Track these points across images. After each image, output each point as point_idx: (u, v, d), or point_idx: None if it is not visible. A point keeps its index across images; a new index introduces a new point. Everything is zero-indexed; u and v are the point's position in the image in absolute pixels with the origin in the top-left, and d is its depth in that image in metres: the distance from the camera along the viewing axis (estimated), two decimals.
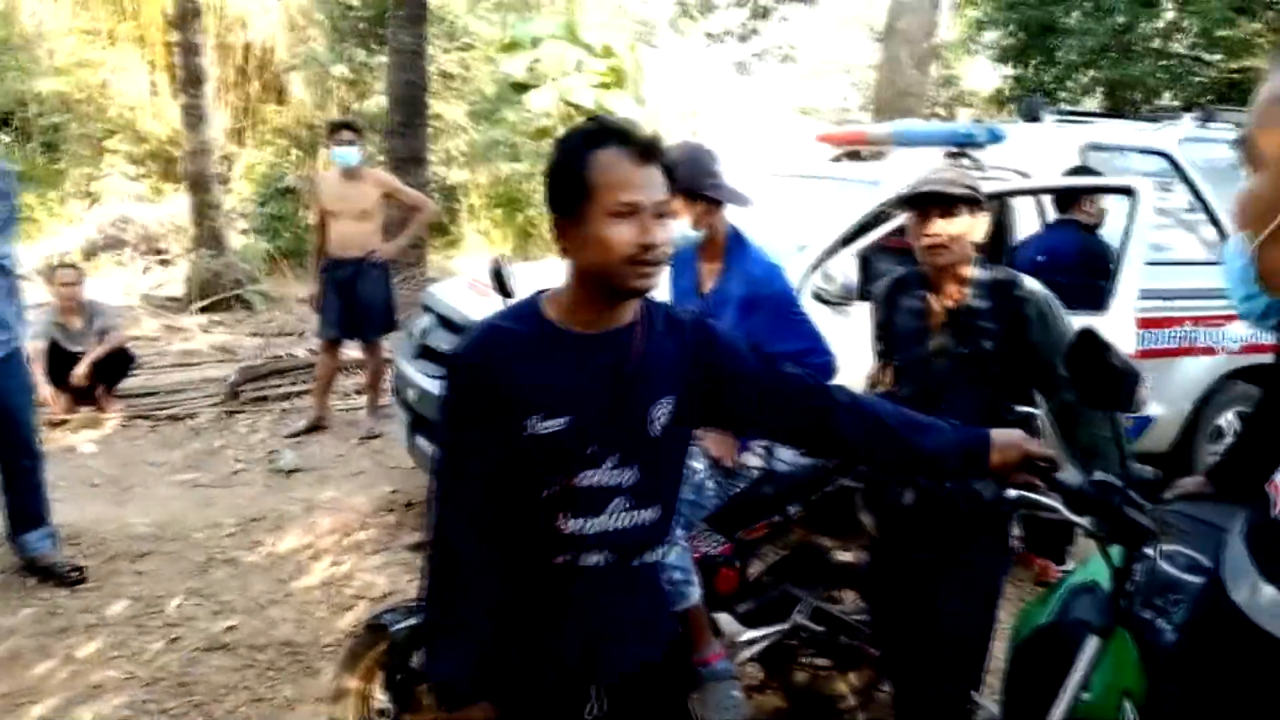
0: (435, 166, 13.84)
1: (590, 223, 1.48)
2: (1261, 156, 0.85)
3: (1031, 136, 5.33)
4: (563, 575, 1.60)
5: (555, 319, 1.57)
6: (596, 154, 1.49)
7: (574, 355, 1.56)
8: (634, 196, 1.47)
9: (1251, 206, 0.86)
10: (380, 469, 5.46)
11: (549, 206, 1.56)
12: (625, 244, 1.47)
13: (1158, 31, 12.12)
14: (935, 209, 2.33)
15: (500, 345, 1.55)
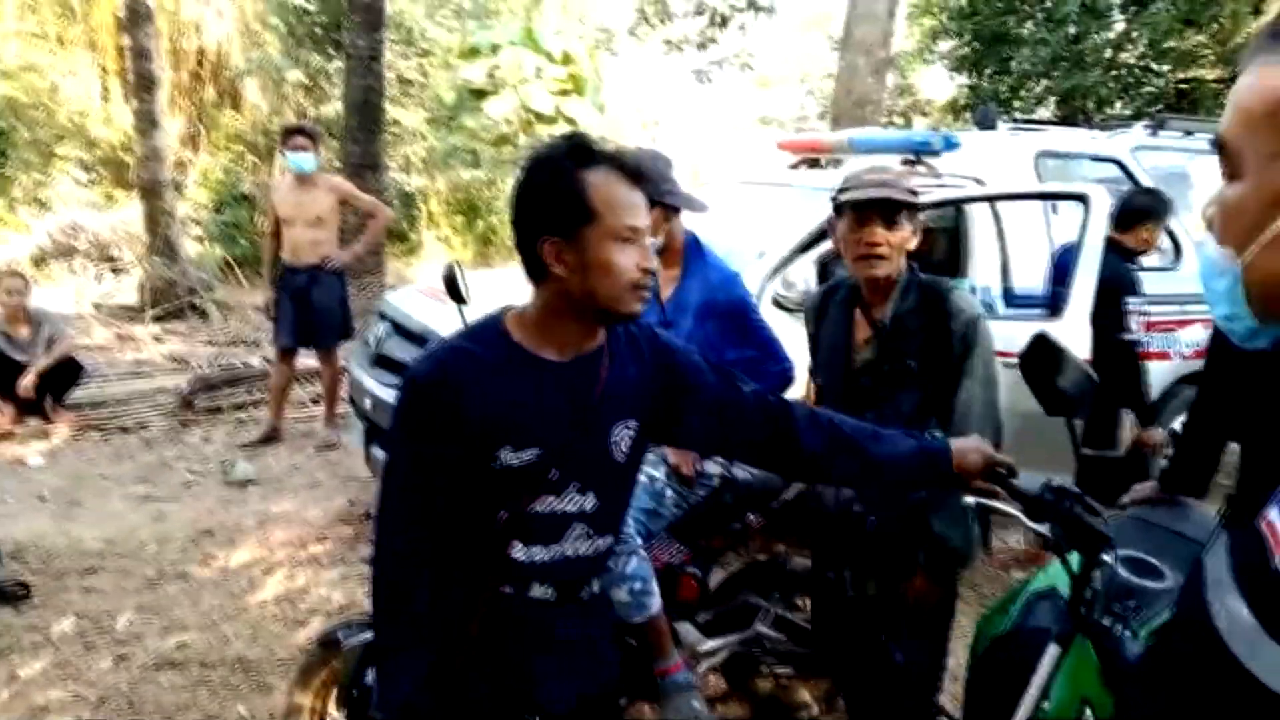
0: (394, 173, 13.75)
1: (592, 247, 1.44)
2: (1241, 163, 0.81)
3: (986, 144, 5.38)
4: (508, 605, 1.56)
5: (523, 342, 1.52)
6: (590, 175, 1.45)
7: (544, 383, 1.51)
8: (636, 222, 1.46)
9: (1233, 219, 0.81)
10: (336, 480, 5.38)
11: (534, 226, 1.47)
12: (629, 269, 1.45)
13: (1109, 42, 12.34)
14: (876, 215, 2.16)
15: (464, 370, 1.48)
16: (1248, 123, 0.80)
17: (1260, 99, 0.79)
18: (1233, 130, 0.82)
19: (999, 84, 12.86)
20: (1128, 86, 12.36)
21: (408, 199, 14.61)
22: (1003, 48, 12.54)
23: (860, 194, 2.16)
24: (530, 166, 1.50)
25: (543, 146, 1.54)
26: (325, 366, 6.06)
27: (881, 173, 2.23)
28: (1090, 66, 11.88)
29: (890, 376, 2.21)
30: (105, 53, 13.31)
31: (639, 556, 2.47)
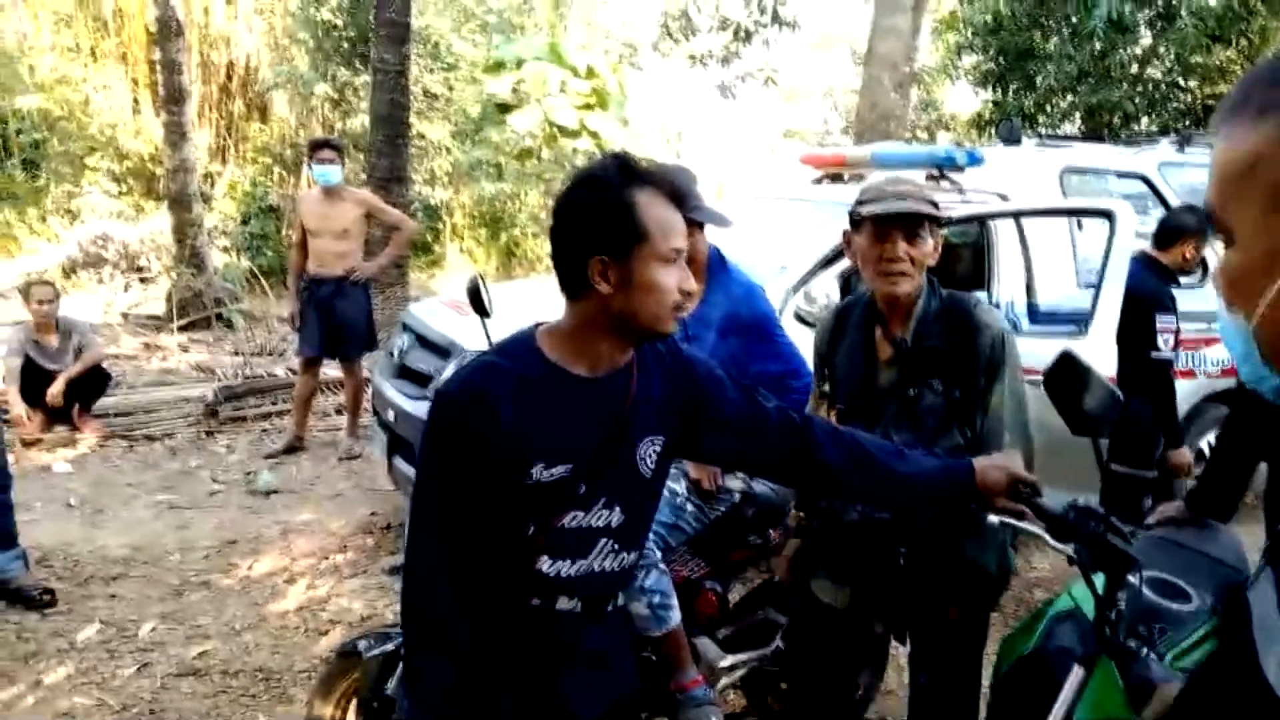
0: (418, 186, 13.85)
1: (641, 267, 1.45)
2: (1231, 230, 0.81)
3: (1011, 160, 5.36)
4: (535, 618, 1.56)
5: (555, 358, 1.52)
6: (639, 195, 1.46)
7: (577, 399, 1.52)
8: (680, 243, 1.48)
9: (1235, 284, 0.82)
10: (359, 491, 5.41)
11: (583, 244, 1.46)
12: (672, 290, 1.47)
13: (1135, 58, 12.27)
14: (897, 229, 2.04)
15: (496, 386, 1.48)
16: (1228, 191, 0.80)
17: (1235, 166, 0.79)
18: (1217, 199, 0.82)
19: (1024, 99, 12.79)
20: (1154, 102, 12.28)
21: (432, 212, 14.70)
22: (1028, 63, 12.48)
23: (881, 207, 2.04)
24: (577, 183, 1.52)
25: (590, 165, 1.56)
26: (349, 377, 6.10)
27: (902, 184, 2.11)
28: (1116, 82, 11.81)
29: (915, 397, 2.11)
30: (137, 66, 13.53)
31: (659, 570, 2.46)
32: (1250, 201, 0.79)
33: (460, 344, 4.10)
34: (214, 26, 13.93)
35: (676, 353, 1.68)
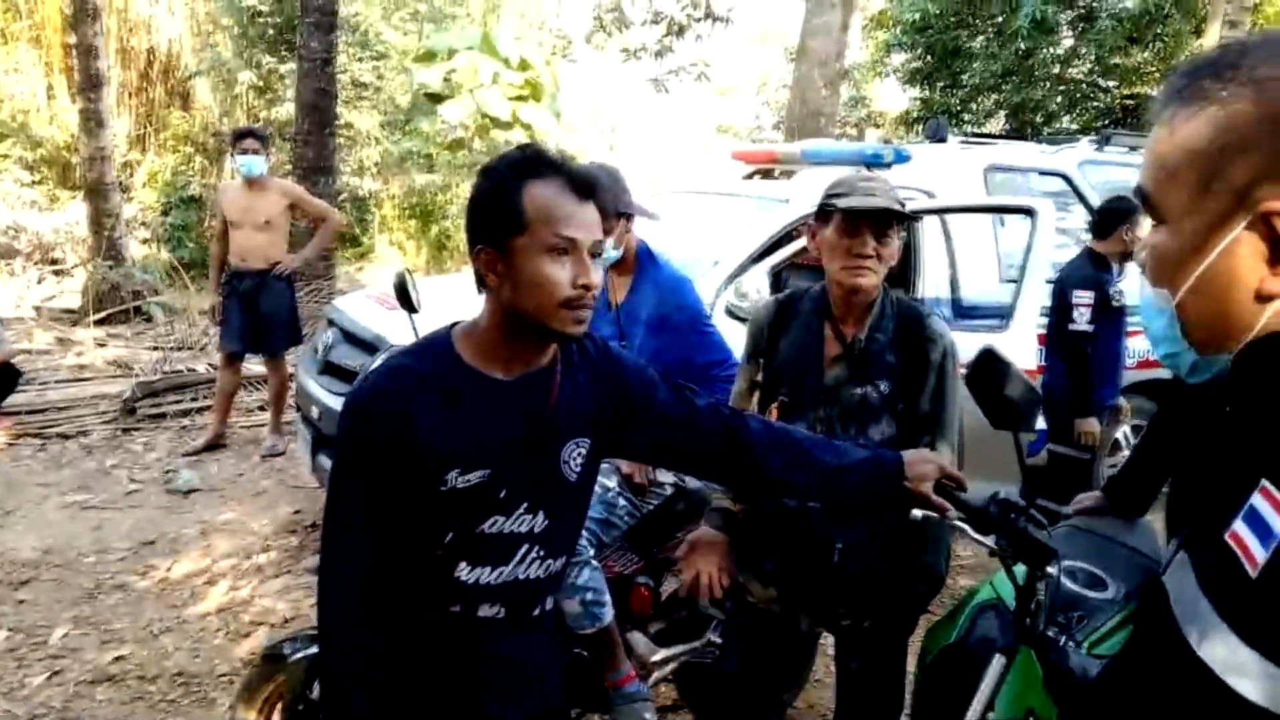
0: (346, 177, 13.62)
1: (523, 258, 1.40)
2: (1162, 211, 0.85)
3: (937, 157, 5.45)
4: (456, 627, 1.53)
5: (471, 360, 1.48)
6: (532, 185, 1.41)
7: (493, 403, 1.48)
8: (573, 233, 1.40)
9: (1162, 263, 0.86)
10: (282, 489, 5.28)
11: (472, 235, 1.45)
12: (560, 284, 1.40)
13: (1057, 58, 12.60)
14: (867, 225, 2.05)
15: (411, 390, 1.44)
16: (1163, 174, 0.84)
17: (1173, 151, 0.83)
18: (1151, 181, 0.86)
19: (950, 97, 13.06)
20: (1075, 101, 12.64)
21: (360, 203, 14.47)
22: (954, 61, 12.74)
23: (858, 201, 2.05)
24: (480, 174, 1.48)
25: (498, 155, 1.52)
26: (272, 373, 5.97)
27: (873, 181, 2.13)
28: (1039, 81, 12.12)
29: (860, 396, 2.13)
30: (51, 50, 13.03)
31: (591, 567, 2.45)
32: (1182, 184, 0.82)
33: (388, 339, 4.03)
34: (134, 10, 13.48)
35: (606, 353, 1.65)
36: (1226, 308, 0.82)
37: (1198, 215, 0.81)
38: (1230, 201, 0.79)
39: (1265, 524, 0.74)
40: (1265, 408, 0.80)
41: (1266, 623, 0.72)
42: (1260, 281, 0.78)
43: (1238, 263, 0.79)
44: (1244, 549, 0.75)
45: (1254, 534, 0.75)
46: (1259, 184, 0.77)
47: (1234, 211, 0.79)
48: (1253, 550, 0.75)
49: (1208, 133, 0.80)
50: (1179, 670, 0.81)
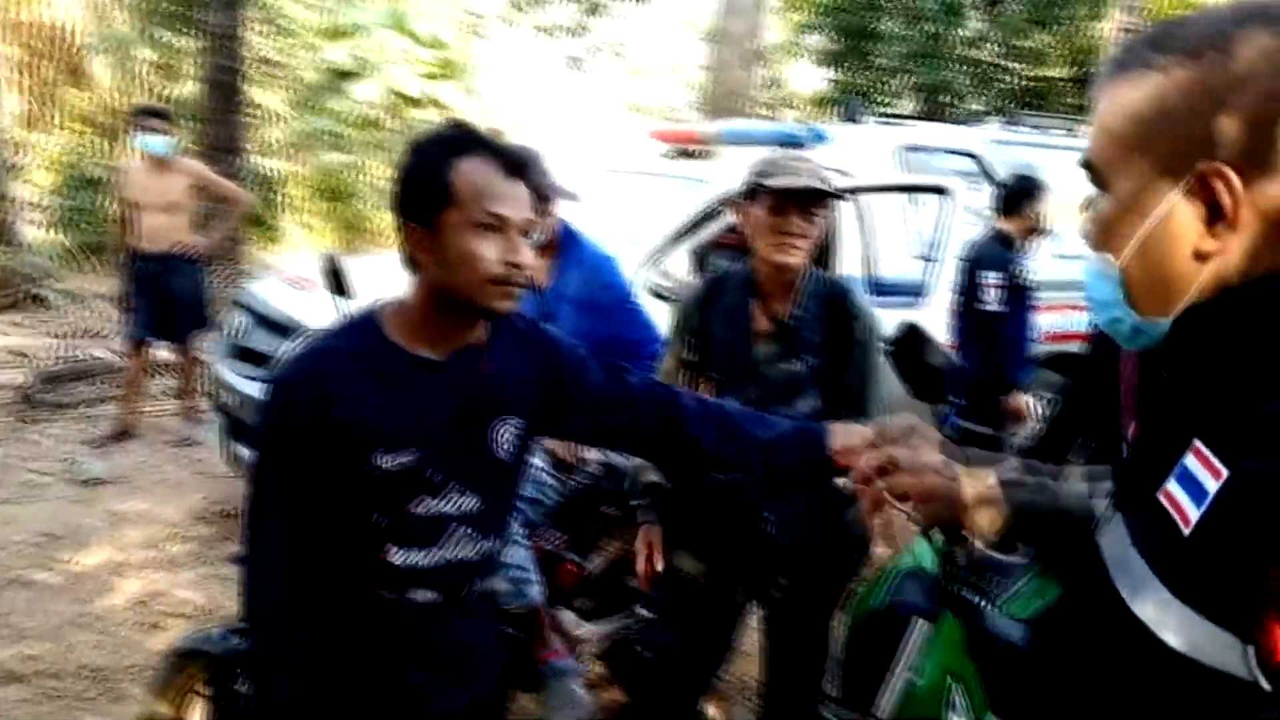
0: (253, 156, 13.19)
1: (450, 235, 1.38)
2: (1108, 178, 0.88)
3: (852, 138, 5.54)
4: (387, 611, 1.51)
5: (398, 339, 1.46)
6: (461, 161, 1.39)
7: (422, 382, 1.46)
8: (503, 210, 1.39)
9: (1108, 229, 0.89)
10: (195, 477, 5.13)
11: (400, 212, 1.43)
12: (489, 261, 1.38)
13: (965, 40, 12.90)
14: (795, 203, 2.09)
15: (335, 370, 1.41)
16: (1109, 141, 0.87)
17: (1114, 119, 0.86)
18: (1098, 150, 0.89)
19: (863, 78, 13.27)
20: (983, 82, 12.97)
21: (268, 183, 14.04)
22: (866, 43, 12.95)
23: (785, 181, 2.10)
24: (408, 150, 1.46)
25: (426, 131, 1.49)
26: (182, 359, 5.80)
27: (801, 161, 2.19)
28: (948, 63, 12.40)
29: (788, 371, 2.18)
30: None
31: (520, 545, 2.44)
32: (1124, 150, 0.85)
33: (303, 323, 3.94)
34: None
35: (538, 332, 1.64)
36: (1169, 269, 0.84)
37: (1138, 179, 0.84)
38: (1169, 165, 0.82)
39: (1197, 482, 0.77)
40: (1197, 370, 0.84)
41: (1197, 578, 0.75)
42: (1197, 241, 0.81)
43: (1177, 225, 0.82)
44: (1177, 507, 0.78)
45: (1186, 493, 0.78)
46: (1195, 148, 0.80)
47: (1173, 175, 0.81)
48: (1185, 509, 0.77)
49: (1148, 100, 0.83)
50: (1114, 626, 0.84)
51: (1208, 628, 0.74)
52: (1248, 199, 0.78)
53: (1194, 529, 0.76)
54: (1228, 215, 0.79)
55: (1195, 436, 0.79)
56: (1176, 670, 0.76)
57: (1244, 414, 0.77)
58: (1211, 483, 0.75)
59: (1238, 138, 0.78)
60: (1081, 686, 0.90)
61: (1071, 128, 6.48)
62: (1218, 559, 0.74)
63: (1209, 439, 0.78)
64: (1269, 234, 0.80)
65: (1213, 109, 0.79)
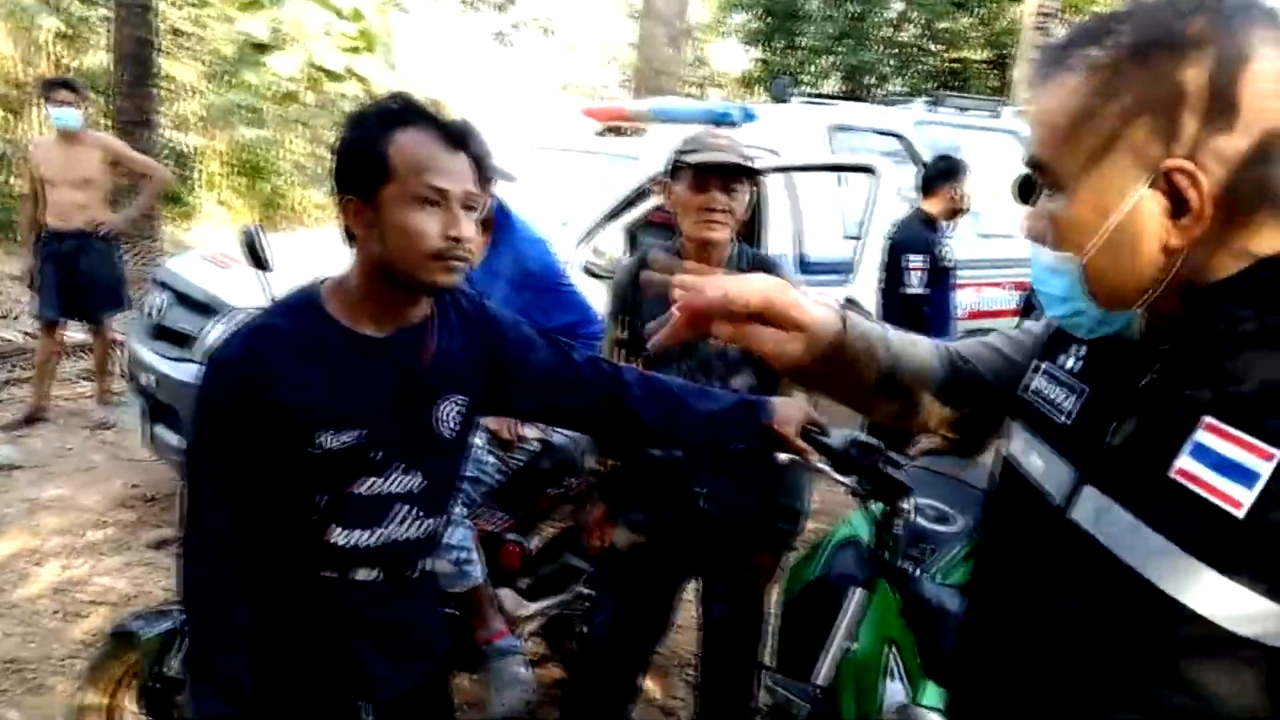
0: (167, 130, 12.76)
1: (390, 208, 1.37)
2: (1058, 178, 0.89)
3: (780, 117, 5.59)
4: (331, 591, 1.49)
5: (340, 317, 1.44)
6: (400, 133, 1.37)
7: (364, 360, 1.44)
8: (443, 183, 1.37)
9: (1066, 229, 0.89)
10: (115, 462, 4.98)
11: (339, 185, 1.41)
12: (429, 235, 1.36)
13: (888, 22, 13.09)
14: (717, 179, 2.14)
15: (276, 348, 1.39)
16: (1055, 140, 0.88)
17: (1063, 116, 0.87)
18: (1043, 150, 0.89)
19: (788, 58, 13.38)
20: (905, 64, 13.19)
21: (183, 159, 13.59)
22: (791, 23, 13.05)
23: (705, 156, 2.13)
24: (347, 123, 1.43)
25: (368, 104, 1.46)
26: (97, 340, 5.60)
27: (721, 137, 2.21)
28: (872, 44, 12.57)
29: (721, 348, 2.20)
30: None
31: (462, 525, 2.44)
32: (1081, 151, 0.86)
33: (226, 301, 3.85)
34: None
35: (482, 310, 1.63)
36: (1133, 264, 0.86)
37: (1099, 180, 0.85)
38: (1130, 164, 0.83)
39: (1236, 464, 0.78)
40: (1201, 350, 0.85)
41: (1260, 560, 0.76)
42: (1165, 236, 0.83)
43: (1143, 221, 0.84)
44: (1213, 490, 0.79)
45: (1223, 475, 0.79)
46: (1156, 143, 0.81)
47: (1135, 173, 0.83)
48: (1229, 492, 0.78)
49: (1101, 98, 0.83)
50: (1130, 605, 0.85)
51: (1267, 604, 0.76)
52: (1211, 191, 0.80)
53: (1250, 511, 0.77)
54: (1194, 210, 0.81)
55: (1207, 414, 0.81)
56: (1224, 648, 0.78)
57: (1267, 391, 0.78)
58: (1261, 464, 0.77)
59: (1195, 132, 0.79)
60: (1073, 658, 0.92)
61: (994, 109, 6.63)
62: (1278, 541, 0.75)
63: (1236, 419, 0.79)
64: (1230, 224, 0.82)
65: (1170, 106, 0.80)
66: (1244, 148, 0.79)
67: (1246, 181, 0.80)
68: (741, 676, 2.44)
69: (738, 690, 2.43)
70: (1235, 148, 0.79)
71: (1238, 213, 0.82)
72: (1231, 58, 0.79)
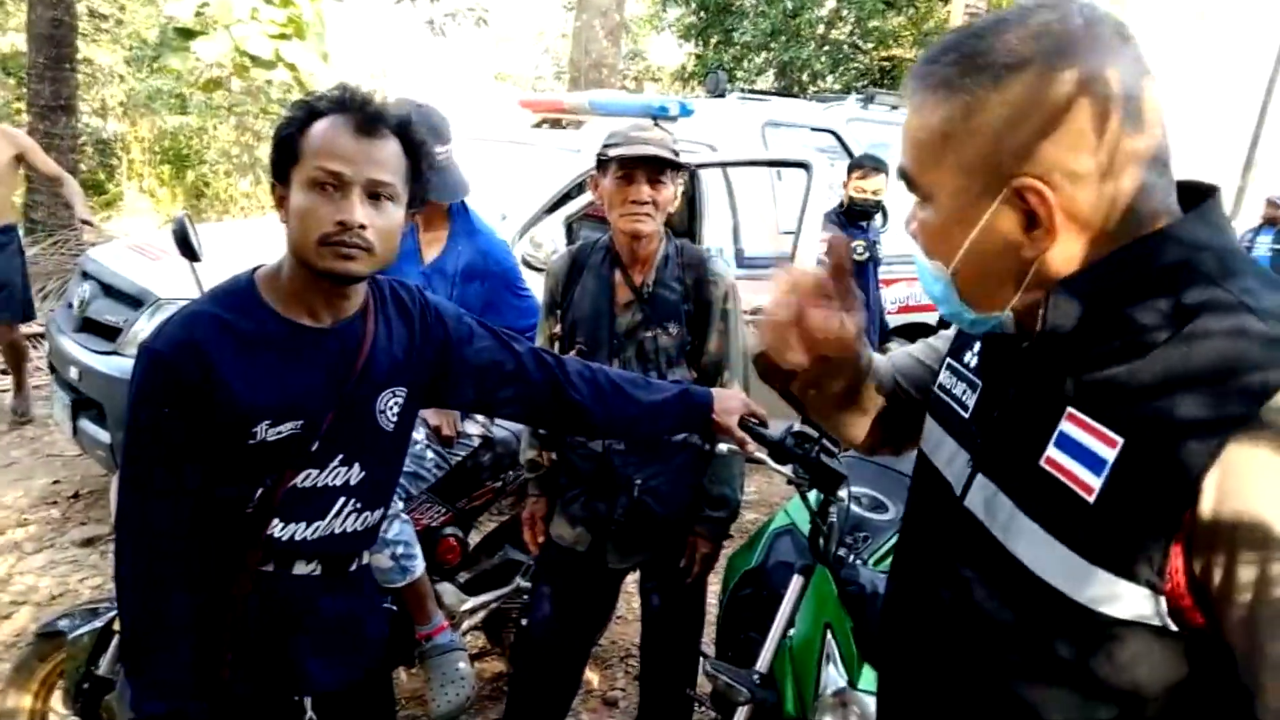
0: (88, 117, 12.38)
1: (294, 192, 1.37)
2: (925, 190, 0.93)
3: (717, 112, 5.63)
4: (269, 585, 1.48)
5: (278, 308, 1.42)
6: (318, 120, 1.37)
7: (303, 350, 1.43)
8: (337, 167, 1.35)
9: (933, 238, 0.94)
10: (37, 458, 4.82)
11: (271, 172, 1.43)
12: (318, 219, 1.34)
13: (821, 20, 13.24)
14: (641, 172, 2.15)
15: (213, 338, 1.37)
16: (922, 156, 0.92)
17: (929, 137, 0.91)
18: (911, 163, 0.94)
19: (723, 54, 13.45)
20: (838, 61, 13.35)
21: (105, 147, 13.21)
22: (727, 18, 13.12)
23: (629, 150, 2.14)
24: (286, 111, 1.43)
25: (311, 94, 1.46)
26: (4, 342, 5.22)
27: (646, 131, 2.22)
28: (805, 41, 12.70)
29: (654, 339, 2.24)
30: None
31: (400, 520, 2.42)
32: (943, 168, 0.90)
33: (153, 292, 3.75)
34: None
35: (423, 302, 1.63)
36: (995, 272, 0.91)
37: (959, 194, 0.90)
38: (984, 180, 0.87)
39: (1089, 451, 0.84)
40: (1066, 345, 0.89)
41: (1107, 541, 0.82)
42: (1021, 247, 0.88)
43: (1000, 233, 0.88)
44: (1071, 476, 0.85)
45: (1079, 461, 0.85)
46: (1008, 162, 0.86)
47: (990, 187, 0.87)
48: (1083, 478, 0.84)
49: (958, 119, 0.87)
50: (1008, 587, 0.91)
51: (1125, 586, 0.80)
52: (1060, 205, 0.85)
53: (1099, 497, 0.82)
54: (1043, 224, 0.86)
55: (1070, 406, 0.87)
56: (1092, 625, 0.83)
57: (1114, 381, 0.84)
58: (1107, 451, 0.82)
59: (1044, 151, 0.84)
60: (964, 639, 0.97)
61: None
62: (1128, 523, 0.80)
63: (1090, 409, 0.85)
64: (1083, 234, 0.87)
65: (1020, 127, 0.84)
66: (1090, 166, 0.84)
67: (1093, 196, 0.85)
68: (683, 665, 2.47)
69: (679, 679, 2.45)
70: (1083, 166, 0.84)
71: (1087, 223, 0.86)
72: (1081, 80, 0.82)
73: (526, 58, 20.66)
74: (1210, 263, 0.84)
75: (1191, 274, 0.83)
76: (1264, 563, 0.73)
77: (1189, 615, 0.79)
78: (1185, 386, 0.78)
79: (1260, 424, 0.74)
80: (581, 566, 2.35)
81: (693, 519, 2.31)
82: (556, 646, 2.42)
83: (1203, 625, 0.79)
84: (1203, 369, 0.78)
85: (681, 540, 2.33)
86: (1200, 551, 0.77)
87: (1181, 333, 0.80)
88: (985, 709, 0.96)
